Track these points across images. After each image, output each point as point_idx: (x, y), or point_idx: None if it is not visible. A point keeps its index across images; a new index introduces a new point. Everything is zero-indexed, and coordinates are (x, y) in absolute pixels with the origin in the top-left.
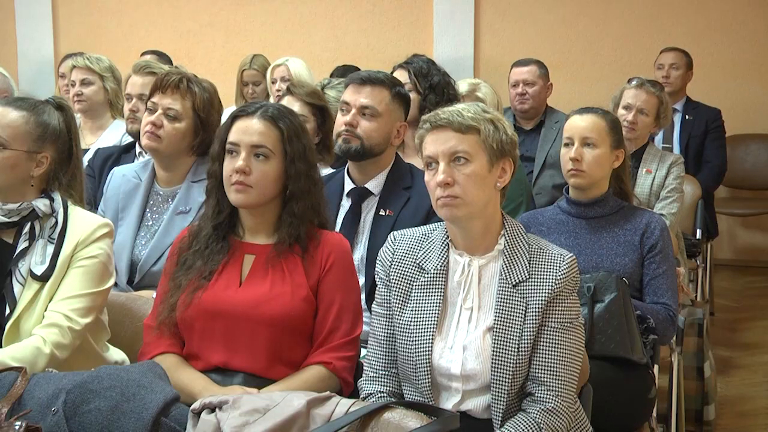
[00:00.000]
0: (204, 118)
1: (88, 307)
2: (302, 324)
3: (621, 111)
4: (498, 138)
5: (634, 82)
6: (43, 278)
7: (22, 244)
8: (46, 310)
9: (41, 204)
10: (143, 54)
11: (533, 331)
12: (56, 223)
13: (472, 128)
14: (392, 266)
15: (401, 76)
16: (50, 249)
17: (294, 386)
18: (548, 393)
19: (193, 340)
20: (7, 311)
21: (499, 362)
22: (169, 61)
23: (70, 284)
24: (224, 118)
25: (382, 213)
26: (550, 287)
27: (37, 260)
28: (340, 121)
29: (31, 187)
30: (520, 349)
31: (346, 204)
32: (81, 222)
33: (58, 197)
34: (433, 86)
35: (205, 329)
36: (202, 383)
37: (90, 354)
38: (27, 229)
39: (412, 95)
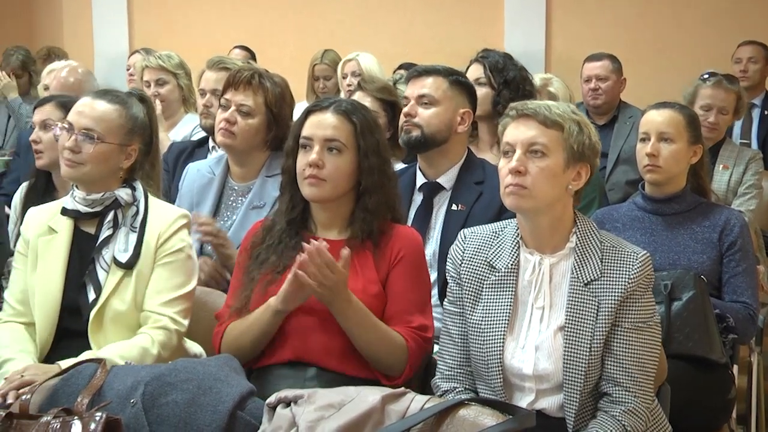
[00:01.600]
0: (276, 112)
1: (187, 308)
2: None
3: (699, 111)
4: (581, 140)
5: (710, 80)
6: (128, 266)
7: (105, 233)
8: (134, 300)
9: (123, 194)
10: (233, 48)
11: (605, 331)
12: (138, 211)
13: (556, 124)
14: (463, 264)
15: (476, 70)
16: (132, 237)
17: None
18: (626, 394)
19: None
20: (92, 297)
21: (572, 362)
22: (254, 57)
23: (167, 283)
24: (296, 114)
25: (454, 208)
26: (623, 286)
27: (120, 248)
28: (403, 113)
29: (117, 178)
30: (593, 349)
31: (417, 199)
32: (161, 212)
33: (139, 187)
34: (508, 81)
35: None
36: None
37: (178, 347)
38: (110, 217)
39: (486, 90)
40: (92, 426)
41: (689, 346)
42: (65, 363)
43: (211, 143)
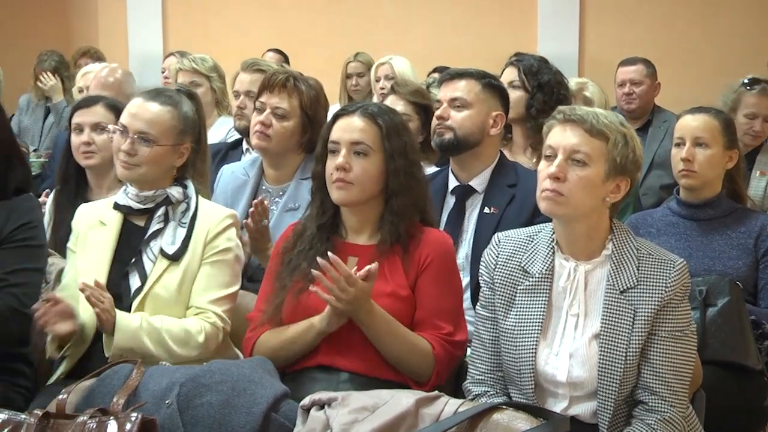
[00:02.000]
0: (311, 115)
1: (231, 309)
2: (404, 324)
3: (742, 119)
4: (624, 154)
5: (755, 88)
6: (174, 257)
7: (155, 226)
8: (178, 291)
9: (175, 191)
10: (267, 51)
11: (641, 339)
12: (188, 208)
13: (601, 134)
14: (496, 269)
15: (511, 73)
16: (181, 231)
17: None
18: (662, 402)
19: None
20: (137, 285)
21: (606, 370)
22: (287, 60)
23: (215, 281)
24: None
25: (486, 211)
26: (660, 295)
27: (168, 241)
28: (436, 116)
29: (170, 176)
30: (628, 358)
31: (450, 202)
32: (210, 210)
33: (191, 185)
34: (542, 85)
35: None
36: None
37: (224, 346)
38: (160, 212)
39: (520, 93)
40: (128, 426)
41: (724, 352)
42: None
43: (245, 145)
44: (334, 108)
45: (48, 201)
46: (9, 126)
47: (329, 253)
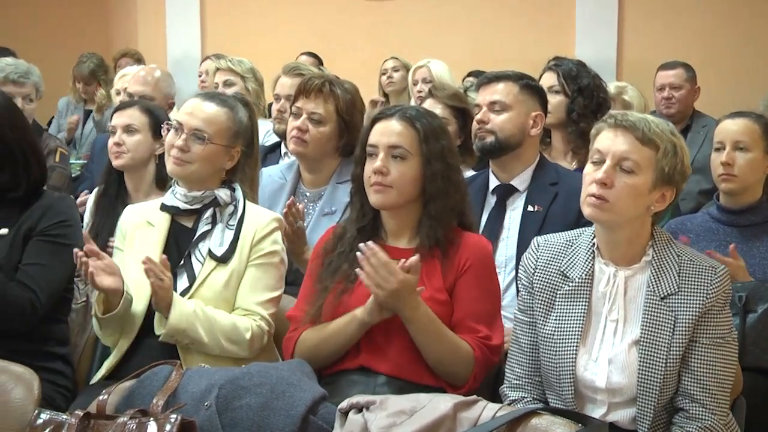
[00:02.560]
0: (348, 119)
1: (275, 312)
2: None
3: None
4: (673, 164)
5: None
6: (223, 259)
7: (203, 227)
8: (224, 292)
9: (223, 193)
10: (300, 55)
11: (682, 346)
12: (235, 210)
13: (652, 142)
14: (535, 273)
15: (549, 78)
16: (228, 233)
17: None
18: (703, 410)
19: None
20: (186, 285)
21: (646, 377)
22: (321, 63)
23: (261, 283)
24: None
25: (530, 209)
26: (701, 301)
27: (216, 242)
28: (476, 121)
29: (219, 178)
30: (668, 364)
31: (490, 201)
32: (256, 213)
33: (238, 188)
34: (582, 89)
35: None
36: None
37: (268, 348)
38: (208, 214)
39: (560, 98)
40: (167, 427)
41: (765, 358)
42: (178, 297)
43: (283, 149)
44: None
45: (88, 202)
46: (27, 127)
47: (369, 242)
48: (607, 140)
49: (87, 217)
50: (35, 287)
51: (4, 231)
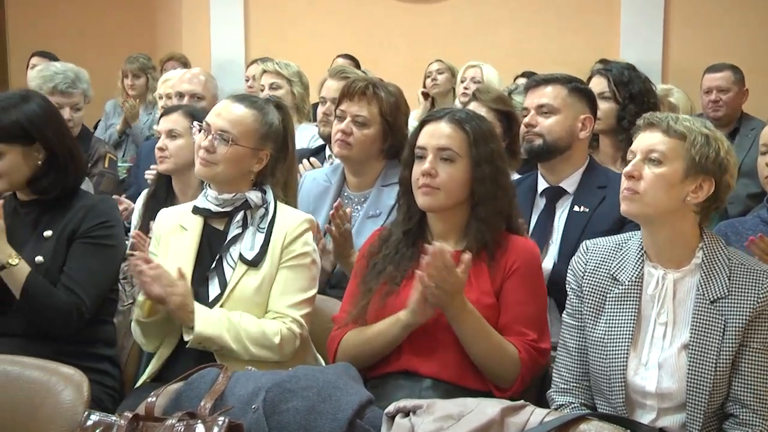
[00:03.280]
0: (391, 122)
1: (309, 313)
2: None
3: None
4: (704, 153)
5: None
6: (254, 263)
7: (234, 231)
8: (255, 296)
9: (254, 196)
10: (337, 57)
11: (732, 350)
12: (266, 213)
13: (679, 133)
14: (585, 277)
15: (599, 83)
16: (260, 237)
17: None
18: (753, 416)
19: None
20: (218, 292)
21: (696, 381)
22: (358, 65)
23: (293, 285)
24: (410, 121)
25: (576, 209)
26: (751, 305)
27: (247, 246)
28: (524, 124)
29: (248, 180)
30: (718, 369)
31: (540, 203)
32: (287, 215)
33: (269, 191)
34: (634, 96)
35: None
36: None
37: (306, 352)
38: (239, 217)
39: (610, 104)
40: (215, 430)
41: None
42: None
43: (327, 152)
44: (412, 115)
45: (137, 203)
46: (68, 132)
47: (435, 242)
48: (638, 140)
49: (135, 219)
50: (80, 291)
51: (48, 233)
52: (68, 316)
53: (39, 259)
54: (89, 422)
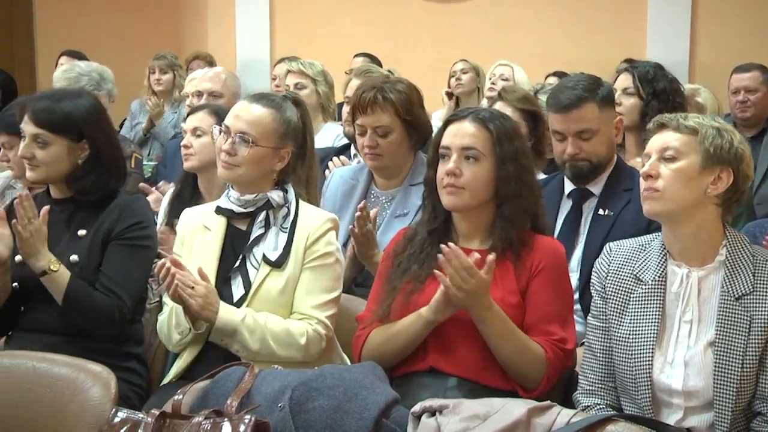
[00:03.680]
0: (410, 119)
1: (334, 313)
2: None
3: None
4: (718, 144)
5: None
6: (277, 264)
7: (257, 231)
8: (279, 297)
9: (275, 195)
10: (356, 56)
11: (759, 347)
12: (288, 213)
13: (690, 128)
14: (608, 277)
15: (625, 80)
16: (282, 237)
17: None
18: None
19: None
20: (242, 293)
21: (722, 379)
22: (379, 64)
23: (317, 285)
24: (434, 121)
25: (601, 212)
26: None
27: (270, 247)
28: (560, 149)
29: (270, 180)
30: (745, 366)
31: (566, 205)
32: (310, 215)
33: (291, 190)
34: (657, 93)
35: None
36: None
37: (330, 352)
38: (262, 217)
39: (634, 100)
40: (241, 428)
41: None
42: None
43: (353, 150)
44: (436, 115)
45: (162, 202)
46: (115, 135)
47: (450, 244)
48: (651, 142)
49: (160, 218)
50: (121, 292)
51: (83, 232)
52: (110, 318)
53: (74, 258)
54: (116, 419)
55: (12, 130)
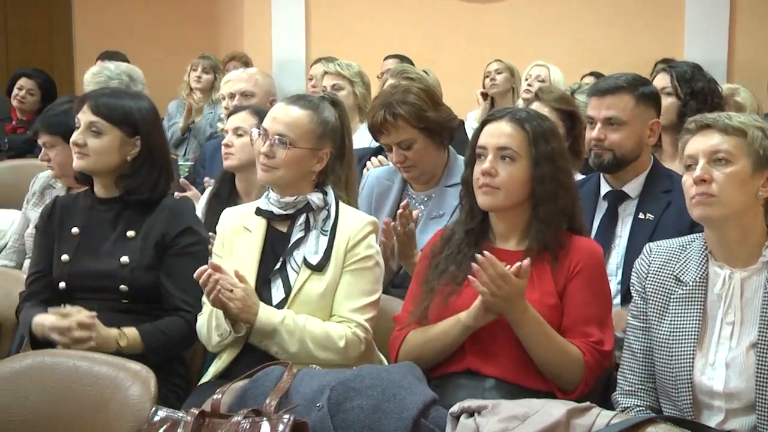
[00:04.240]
0: (426, 125)
1: (374, 316)
2: None
3: None
4: (766, 145)
5: None
6: (318, 268)
7: (297, 234)
8: (320, 301)
9: (315, 198)
10: (386, 58)
11: None
12: (329, 215)
13: (738, 130)
14: (648, 278)
15: (662, 79)
16: (323, 240)
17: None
18: None
19: None
20: (282, 296)
21: (765, 381)
22: (410, 63)
23: (357, 289)
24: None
25: (641, 217)
26: None
27: (311, 250)
28: (589, 136)
29: (310, 181)
30: None
31: (602, 207)
32: (350, 217)
33: (330, 191)
34: (695, 93)
35: None
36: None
37: (367, 354)
38: (302, 220)
39: (672, 100)
40: (280, 427)
41: None
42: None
43: None
44: (471, 115)
45: (201, 201)
46: (167, 140)
47: (485, 252)
48: (695, 143)
49: (198, 215)
50: (191, 304)
51: (132, 233)
52: (188, 334)
53: (124, 259)
54: (156, 418)
55: (53, 130)
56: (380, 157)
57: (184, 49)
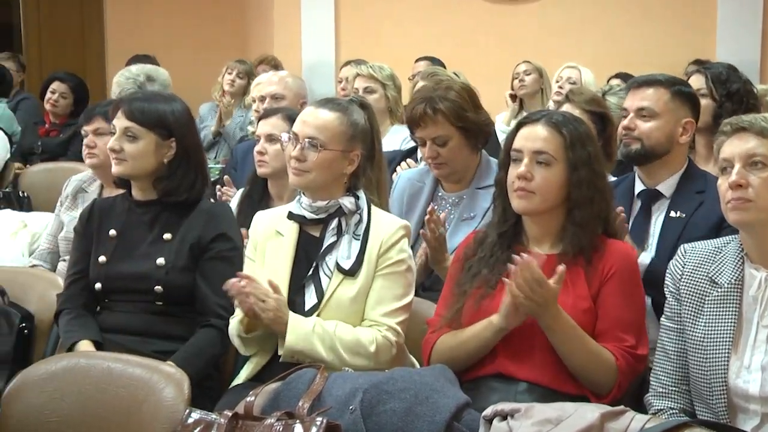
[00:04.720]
0: (464, 124)
1: (406, 320)
2: None
3: None
4: None
5: None
6: (351, 272)
7: (329, 239)
8: (352, 306)
9: (347, 202)
10: (417, 60)
11: None
12: (361, 220)
13: None
14: (682, 279)
15: (697, 81)
16: (355, 245)
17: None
18: None
19: None
20: (314, 301)
21: None
22: (442, 66)
23: (389, 293)
24: (497, 125)
25: (672, 215)
26: None
27: (343, 255)
28: (622, 125)
29: (341, 184)
30: None
31: (636, 206)
32: (383, 221)
33: (362, 196)
34: (731, 94)
35: None
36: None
37: (398, 358)
38: (334, 224)
39: (707, 101)
40: (313, 430)
41: None
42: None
43: (420, 153)
44: (499, 117)
45: (232, 204)
46: (201, 143)
47: (523, 254)
48: (730, 146)
49: None
50: (225, 310)
51: (168, 236)
52: (221, 341)
53: (160, 261)
54: (190, 420)
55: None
56: (409, 160)
57: (215, 52)
